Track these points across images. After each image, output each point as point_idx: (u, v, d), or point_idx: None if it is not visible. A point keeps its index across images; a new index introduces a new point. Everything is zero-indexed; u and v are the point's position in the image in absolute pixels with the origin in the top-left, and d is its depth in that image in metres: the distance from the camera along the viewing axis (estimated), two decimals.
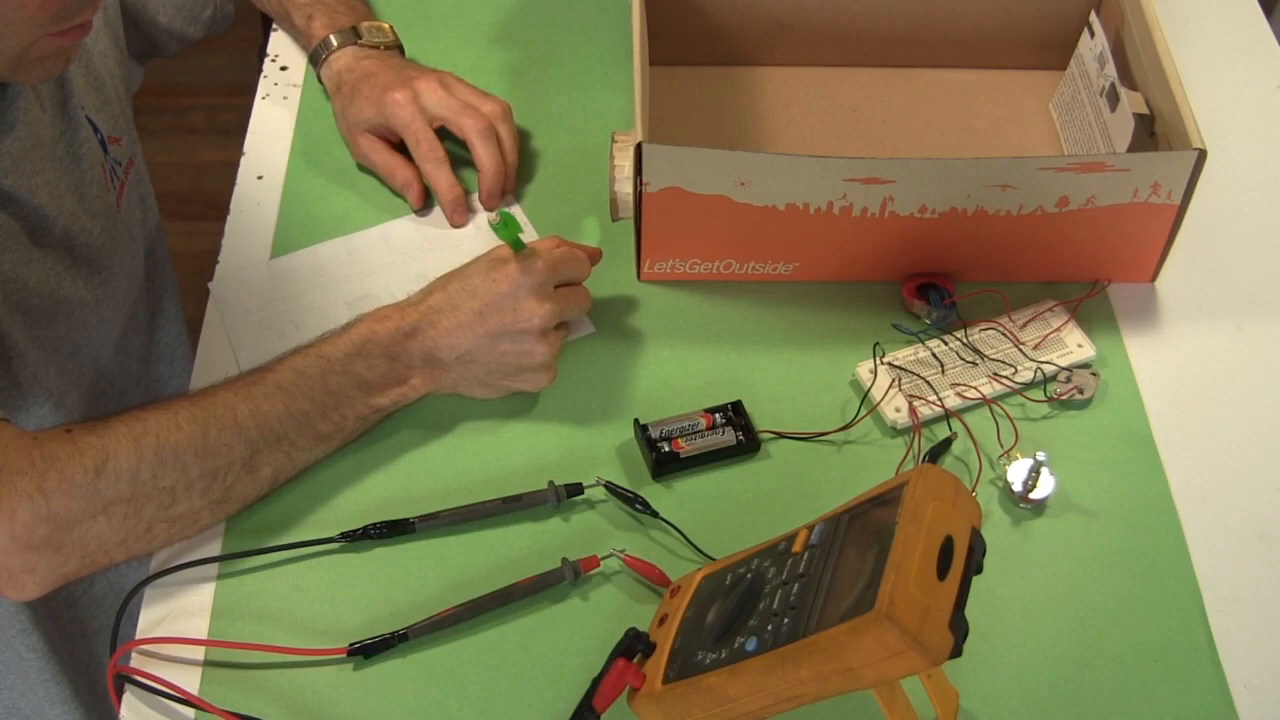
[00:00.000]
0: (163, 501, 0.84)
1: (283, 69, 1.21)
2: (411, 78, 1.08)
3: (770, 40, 1.18)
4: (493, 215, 0.90)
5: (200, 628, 0.86)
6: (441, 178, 1.07)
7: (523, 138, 1.15)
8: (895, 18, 1.16)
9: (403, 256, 1.07)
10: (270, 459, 0.88)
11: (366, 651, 0.84)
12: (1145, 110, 1.02)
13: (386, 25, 1.16)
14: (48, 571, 0.81)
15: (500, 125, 1.08)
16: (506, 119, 1.09)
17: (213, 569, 0.89)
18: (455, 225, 1.08)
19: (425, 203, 1.09)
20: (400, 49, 1.16)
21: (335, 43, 1.13)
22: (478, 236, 1.08)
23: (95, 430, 0.83)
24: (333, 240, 1.08)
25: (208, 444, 0.85)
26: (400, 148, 1.10)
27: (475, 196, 1.10)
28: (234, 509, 0.89)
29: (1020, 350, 0.99)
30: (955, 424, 0.96)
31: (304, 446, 0.89)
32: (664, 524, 0.91)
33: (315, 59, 1.15)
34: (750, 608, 0.75)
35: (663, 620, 0.81)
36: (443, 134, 1.09)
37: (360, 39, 1.13)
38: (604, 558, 0.89)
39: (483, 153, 1.06)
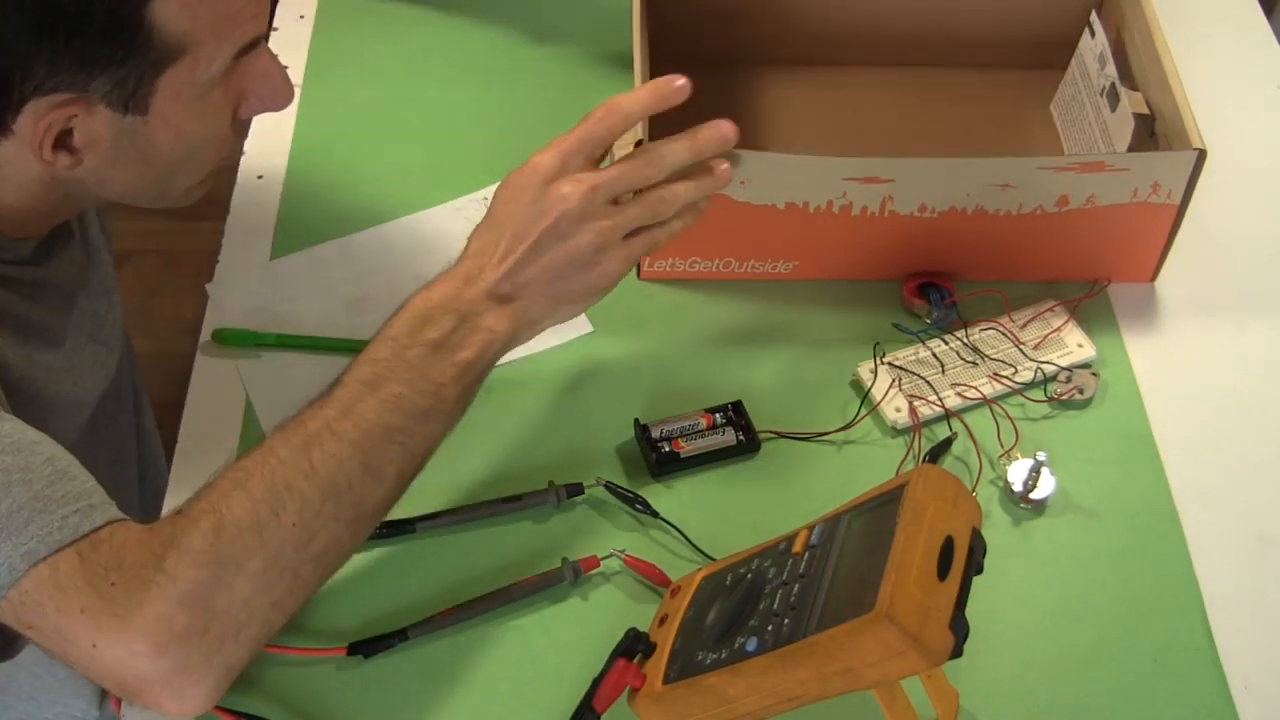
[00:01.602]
0: (297, 539, 0.77)
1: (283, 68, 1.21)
2: None
3: (770, 40, 1.18)
4: None
5: None
6: None
7: (523, 137, 1.14)
8: (896, 17, 1.16)
9: (402, 257, 1.07)
10: (387, 455, 0.81)
11: (366, 651, 0.84)
12: (1145, 110, 1.02)
13: None
14: (203, 665, 0.73)
15: None
16: None
17: None
18: None
19: None
20: None
21: None
22: None
23: (200, 496, 0.78)
24: (332, 241, 1.08)
25: (313, 461, 0.78)
26: None
27: (469, 199, 1.10)
28: (371, 524, 0.82)
29: (1020, 350, 0.99)
30: (955, 424, 0.96)
31: (413, 431, 0.82)
32: (664, 524, 0.91)
33: None
34: (750, 608, 0.75)
35: (663, 620, 0.81)
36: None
37: None
38: (604, 558, 0.88)
39: None
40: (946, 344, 0.99)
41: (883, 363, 0.98)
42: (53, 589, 0.72)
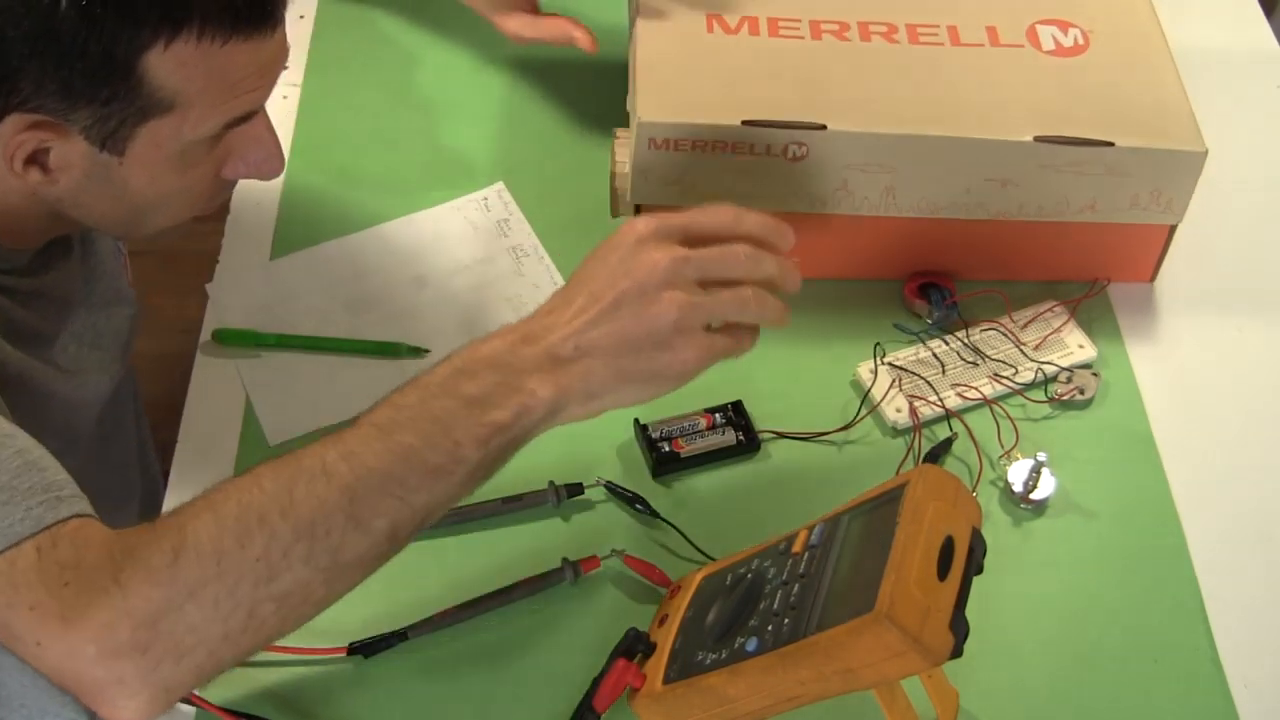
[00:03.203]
0: (258, 575, 0.72)
1: (283, 68, 1.21)
2: None
3: None
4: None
5: None
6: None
7: (523, 137, 1.15)
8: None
9: (402, 257, 1.07)
10: (379, 508, 0.74)
11: (366, 651, 0.84)
12: None
13: None
14: (138, 681, 0.70)
15: None
16: None
17: None
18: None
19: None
20: None
21: None
22: (474, 236, 1.08)
23: (176, 511, 0.74)
24: (332, 241, 1.08)
25: (294, 498, 0.73)
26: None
27: (469, 199, 1.10)
28: (353, 577, 0.76)
29: (1021, 351, 0.99)
30: (956, 424, 0.96)
31: (416, 486, 0.75)
32: (664, 524, 0.91)
33: None
34: (750, 608, 0.75)
35: (663, 620, 0.81)
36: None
37: None
38: (604, 558, 0.88)
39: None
40: (947, 344, 0.99)
41: (883, 363, 0.98)
42: (5, 584, 0.71)
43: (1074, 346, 1.00)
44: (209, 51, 0.77)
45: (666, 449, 0.93)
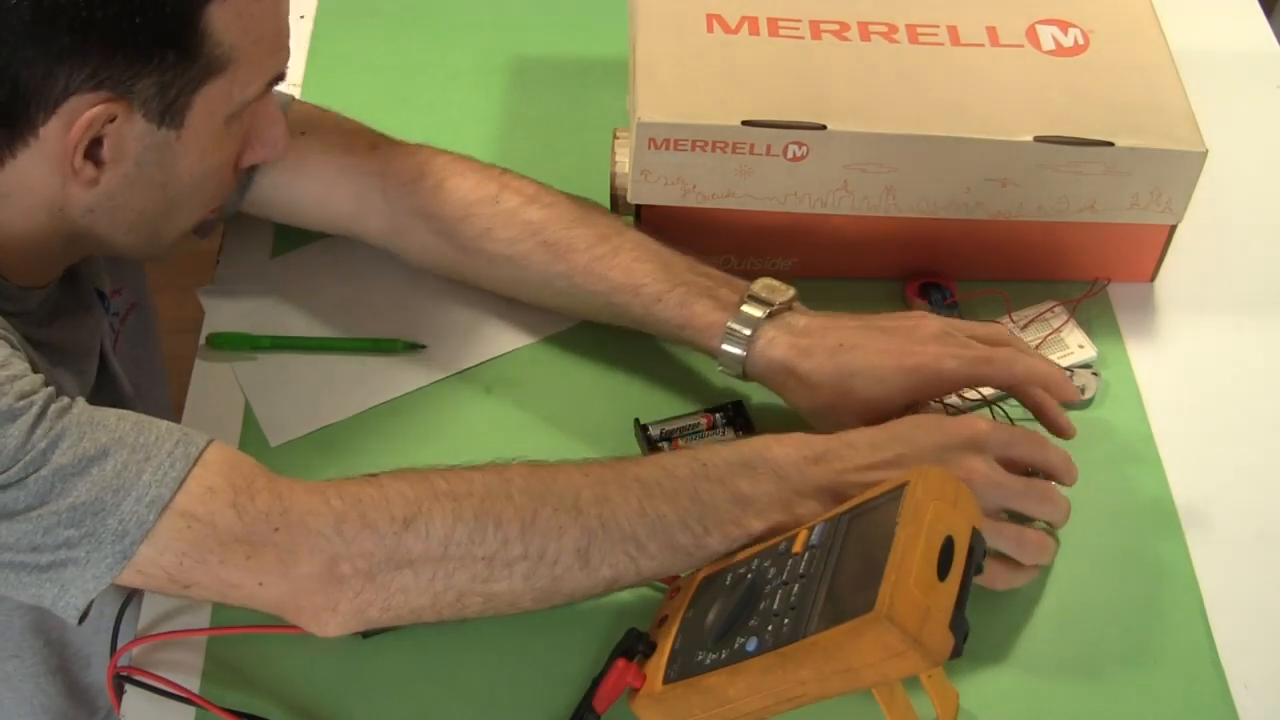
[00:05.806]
0: (478, 573, 0.77)
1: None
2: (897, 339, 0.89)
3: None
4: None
5: (201, 624, 0.86)
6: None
7: (522, 138, 1.15)
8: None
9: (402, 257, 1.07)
10: (610, 558, 0.78)
11: (366, 633, 0.83)
12: None
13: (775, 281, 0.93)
14: (349, 611, 0.77)
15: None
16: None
17: None
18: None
19: None
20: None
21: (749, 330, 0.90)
22: None
23: (408, 480, 0.78)
24: (333, 241, 1.08)
25: (538, 519, 0.77)
26: None
27: None
28: (560, 603, 0.80)
29: None
30: None
31: (653, 555, 0.78)
32: None
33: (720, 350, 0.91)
34: (750, 608, 0.75)
35: (663, 620, 0.81)
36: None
37: (772, 308, 0.91)
38: None
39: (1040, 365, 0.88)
40: None
41: None
42: (214, 544, 0.75)
43: (1074, 346, 1.00)
44: (258, 1, 0.79)
45: (666, 449, 0.93)
